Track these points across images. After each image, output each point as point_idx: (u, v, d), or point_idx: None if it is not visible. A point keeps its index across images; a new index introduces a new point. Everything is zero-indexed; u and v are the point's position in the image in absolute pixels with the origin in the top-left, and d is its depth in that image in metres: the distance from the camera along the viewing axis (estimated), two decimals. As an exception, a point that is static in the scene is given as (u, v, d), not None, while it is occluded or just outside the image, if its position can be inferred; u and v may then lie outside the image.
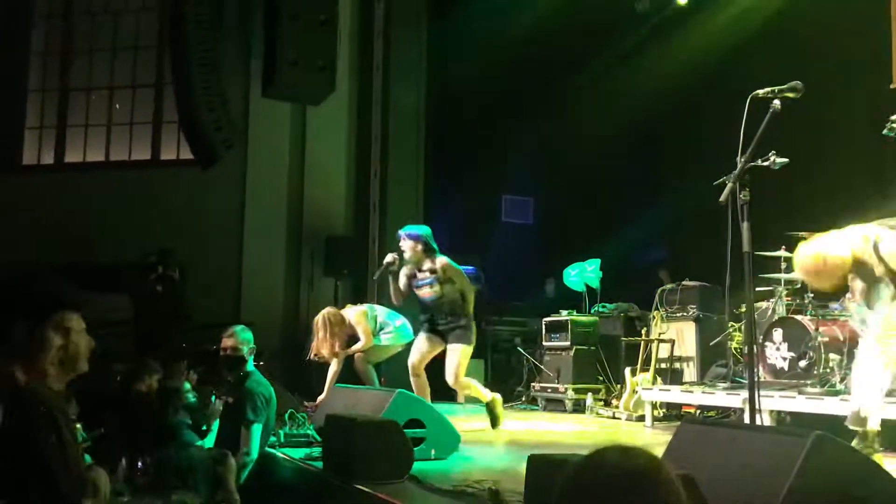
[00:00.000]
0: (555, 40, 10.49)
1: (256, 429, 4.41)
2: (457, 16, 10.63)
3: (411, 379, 6.21)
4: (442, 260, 6.07)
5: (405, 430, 4.20)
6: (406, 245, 6.09)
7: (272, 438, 4.93)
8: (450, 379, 6.11)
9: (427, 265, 6.07)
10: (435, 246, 6.14)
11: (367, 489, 3.68)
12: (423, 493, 3.77)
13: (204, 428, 4.90)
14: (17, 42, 11.17)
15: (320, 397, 6.61)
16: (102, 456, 4.03)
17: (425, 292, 6.12)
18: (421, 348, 6.23)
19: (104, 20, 11.37)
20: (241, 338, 4.50)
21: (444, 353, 6.19)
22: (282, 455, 4.79)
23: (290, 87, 9.97)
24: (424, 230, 6.23)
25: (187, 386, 5.29)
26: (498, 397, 6.35)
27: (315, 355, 6.84)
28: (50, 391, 2.27)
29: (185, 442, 4.46)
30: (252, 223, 10.21)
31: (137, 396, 5.33)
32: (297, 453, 4.78)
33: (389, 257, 6.17)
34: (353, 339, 6.84)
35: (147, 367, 5.67)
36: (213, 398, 4.80)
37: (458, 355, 6.05)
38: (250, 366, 4.59)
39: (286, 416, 5.39)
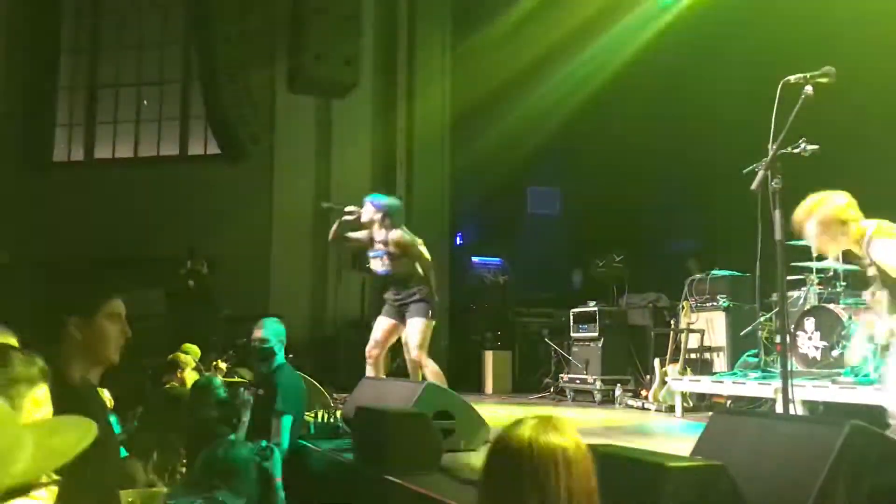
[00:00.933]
0: (579, 29, 10.42)
1: (287, 420, 4.44)
2: (481, 5, 10.60)
3: (367, 367, 5.87)
4: (395, 233, 5.69)
5: (435, 422, 4.21)
6: (366, 210, 5.77)
7: (303, 430, 4.96)
8: (412, 353, 5.67)
9: (380, 236, 5.76)
10: (398, 220, 5.76)
11: (397, 480, 3.69)
12: (454, 483, 3.77)
13: (235, 421, 4.94)
14: (46, 40, 11.31)
15: None
16: (137, 449, 4.10)
17: (376, 265, 5.86)
18: (375, 333, 5.87)
19: (131, 17, 11.49)
20: (271, 330, 4.52)
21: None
22: (312, 446, 4.82)
23: (316, 82, 10.04)
24: (392, 202, 5.90)
25: (218, 381, 5.33)
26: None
27: None
28: (85, 383, 2.30)
29: (227, 439, 4.50)
30: (279, 217, 10.29)
31: (171, 390, 5.41)
32: (327, 445, 4.81)
33: (349, 208, 5.82)
34: None
35: (180, 361, 5.74)
36: (243, 390, 4.84)
37: (419, 328, 5.61)
38: (281, 358, 4.62)
39: (316, 407, 5.42)
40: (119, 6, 11.55)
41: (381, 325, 5.84)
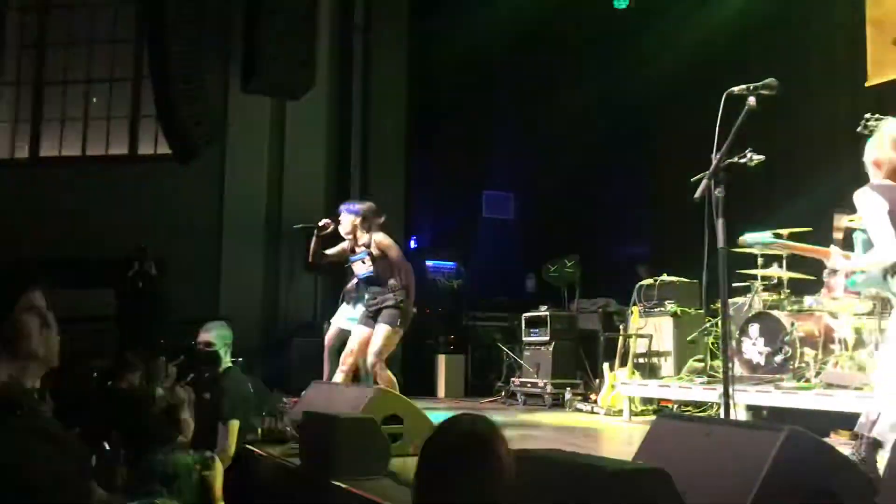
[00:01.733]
0: (536, 36, 10.53)
1: (234, 425, 4.39)
2: (438, 11, 10.63)
3: (338, 374, 5.95)
4: (378, 236, 5.90)
5: (384, 426, 4.20)
6: (345, 219, 5.94)
7: (250, 435, 4.92)
8: (369, 359, 5.73)
9: (363, 240, 5.92)
10: (375, 221, 5.97)
11: (344, 485, 3.67)
12: (402, 489, 3.77)
13: (181, 425, 4.88)
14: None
15: None
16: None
17: (358, 267, 6.01)
18: (352, 342, 5.96)
19: (81, 12, 11.26)
20: (217, 333, 4.47)
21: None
22: (259, 451, 4.77)
23: (270, 82, 9.93)
24: (366, 205, 6.07)
25: (160, 391, 5.24)
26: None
27: None
28: (23, 389, 2.24)
29: (169, 445, 4.43)
30: (231, 218, 10.16)
31: (117, 394, 5.30)
32: (275, 450, 4.77)
33: (323, 222, 6.01)
34: None
35: (127, 364, 5.63)
36: (180, 389, 4.79)
37: (382, 335, 5.69)
38: (227, 362, 4.57)
39: (265, 412, 5.37)
40: (68, 0, 11.31)
41: (359, 333, 5.95)
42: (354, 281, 6.48)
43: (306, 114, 10.37)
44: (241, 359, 7.12)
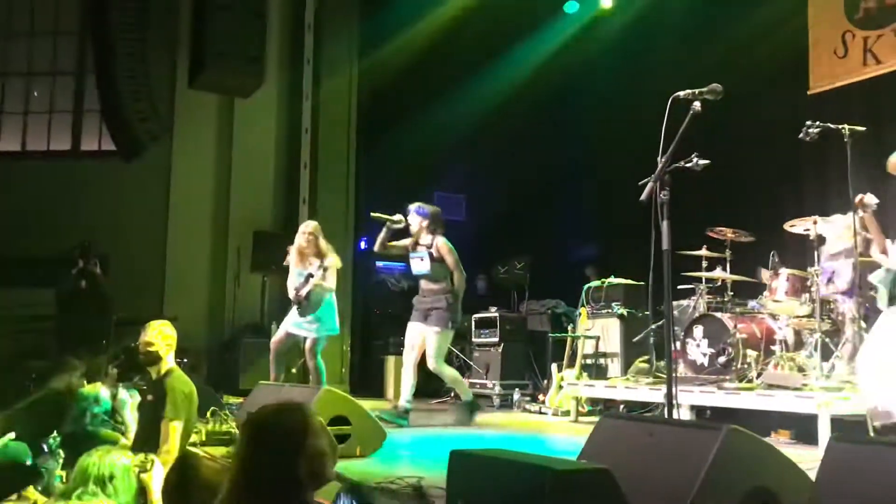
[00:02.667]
0: (487, 37, 10.56)
1: (176, 427, 4.31)
2: (390, 9, 10.59)
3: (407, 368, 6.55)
4: (439, 239, 6.53)
5: (330, 427, 4.16)
6: (413, 220, 6.58)
7: (194, 436, 4.83)
8: (430, 363, 6.49)
9: (425, 240, 6.55)
10: (439, 226, 6.62)
11: (289, 487, 3.62)
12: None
13: (122, 427, 4.78)
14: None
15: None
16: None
17: (416, 264, 6.60)
18: (409, 338, 6.61)
19: (21, 3, 10.93)
20: (157, 333, 4.38)
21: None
22: (203, 453, 4.68)
23: (219, 79, 9.79)
24: (433, 209, 6.71)
25: (102, 393, 5.12)
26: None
27: None
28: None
29: (105, 446, 4.32)
30: (177, 217, 9.96)
31: (54, 394, 5.16)
32: (219, 451, 4.69)
33: (397, 216, 6.55)
34: None
35: (67, 365, 5.49)
36: (121, 389, 4.70)
37: (435, 339, 6.41)
38: (171, 363, 4.48)
39: (209, 413, 5.28)
40: (9, -9, 10.98)
41: (414, 330, 6.60)
42: (295, 289, 6.60)
43: (255, 112, 10.23)
44: (185, 360, 7.02)
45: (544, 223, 11.11)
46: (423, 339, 6.51)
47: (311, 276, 6.47)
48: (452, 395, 9.19)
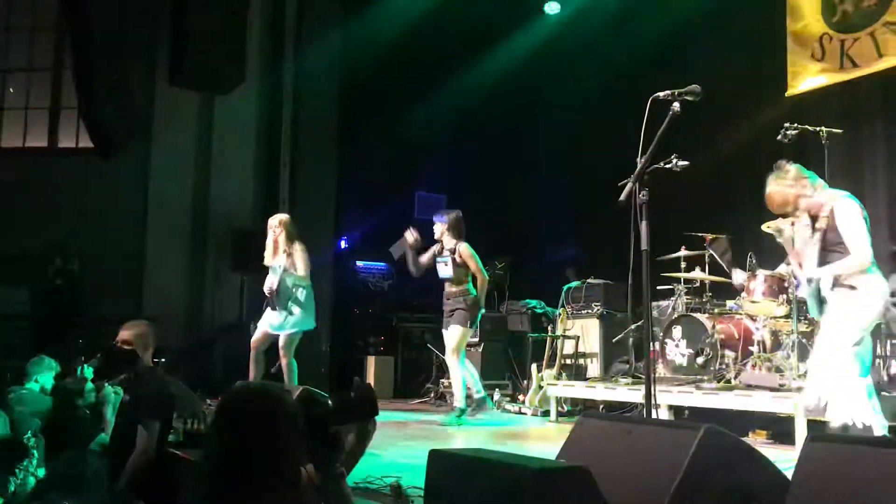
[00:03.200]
0: (468, 37, 10.57)
1: (153, 427, 4.26)
2: (372, 8, 10.57)
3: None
4: (462, 245, 6.88)
5: (308, 427, 4.13)
6: (436, 227, 6.99)
7: (172, 437, 4.78)
8: (447, 357, 6.90)
9: (449, 245, 6.90)
10: (460, 230, 6.96)
11: (267, 487, 3.60)
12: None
13: (101, 426, 4.74)
14: None
15: None
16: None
17: (441, 268, 6.94)
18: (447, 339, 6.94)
19: (-2, -1, 10.80)
20: (135, 333, 4.33)
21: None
22: (181, 454, 4.65)
23: (199, 76, 9.72)
24: (453, 214, 7.06)
25: (90, 386, 5.09)
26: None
27: None
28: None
29: (78, 450, 4.29)
30: (155, 215, 9.86)
31: (28, 395, 5.10)
32: (196, 452, 4.65)
33: (409, 236, 6.98)
34: None
35: (43, 364, 5.43)
36: (107, 386, 4.65)
37: (455, 334, 6.77)
38: (148, 363, 4.43)
39: (186, 413, 5.23)
40: (-15, -14, 10.84)
41: (446, 337, 6.94)
42: (269, 288, 6.75)
43: (235, 109, 10.17)
44: (163, 359, 6.95)
45: (525, 223, 11.13)
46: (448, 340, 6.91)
47: (281, 268, 6.57)
48: (432, 394, 9.19)
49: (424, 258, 7.05)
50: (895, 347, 6.16)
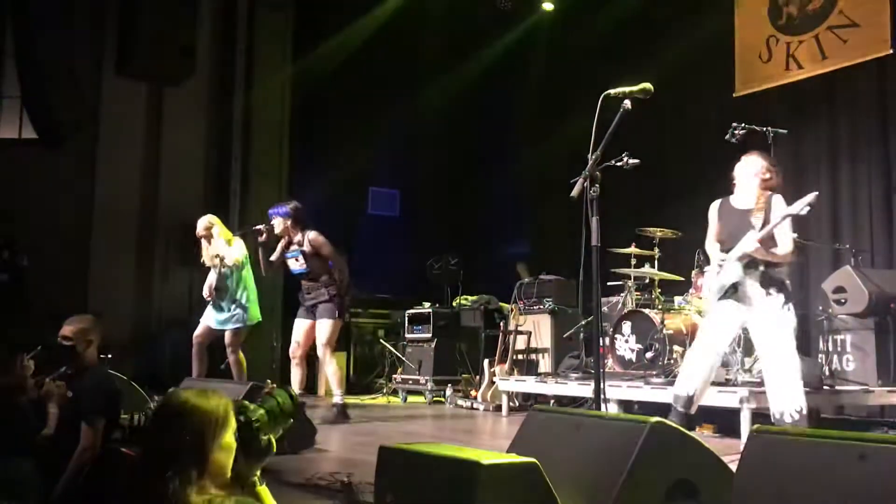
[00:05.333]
0: (421, 33, 10.56)
1: (97, 423, 4.17)
2: (325, 2, 10.50)
3: (292, 367, 6.45)
4: (310, 233, 6.34)
5: (258, 423, 4.08)
6: (276, 224, 6.39)
7: (116, 434, 4.69)
8: (319, 351, 6.34)
9: (297, 238, 6.36)
10: (305, 220, 6.41)
11: (215, 485, 3.55)
12: (276, 486, 3.68)
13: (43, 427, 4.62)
14: None
15: None
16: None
17: (292, 264, 6.44)
18: (296, 335, 6.46)
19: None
20: (77, 328, 4.23)
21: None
22: (125, 450, 4.56)
23: (148, 67, 9.53)
24: (292, 205, 6.46)
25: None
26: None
27: None
28: None
29: (20, 450, 4.17)
30: (101, 209, 9.63)
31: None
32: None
33: (259, 227, 6.43)
34: None
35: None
36: (49, 380, 4.54)
37: (328, 328, 6.26)
38: (92, 358, 4.34)
39: (133, 410, 5.13)
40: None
41: (300, 326, 6.46)
42: (209, 288, 6.73)
43: (185, 102, 9.98)
44: (109, 355, 6.80)
45: (477, 219, 11.18)
46: (306, 333, 6.43)
47: (216, 265, 6.61)
48: (385, 390, 9.17)
49: (274, 256, 6.50)
50: (836, 343, 6.34)
